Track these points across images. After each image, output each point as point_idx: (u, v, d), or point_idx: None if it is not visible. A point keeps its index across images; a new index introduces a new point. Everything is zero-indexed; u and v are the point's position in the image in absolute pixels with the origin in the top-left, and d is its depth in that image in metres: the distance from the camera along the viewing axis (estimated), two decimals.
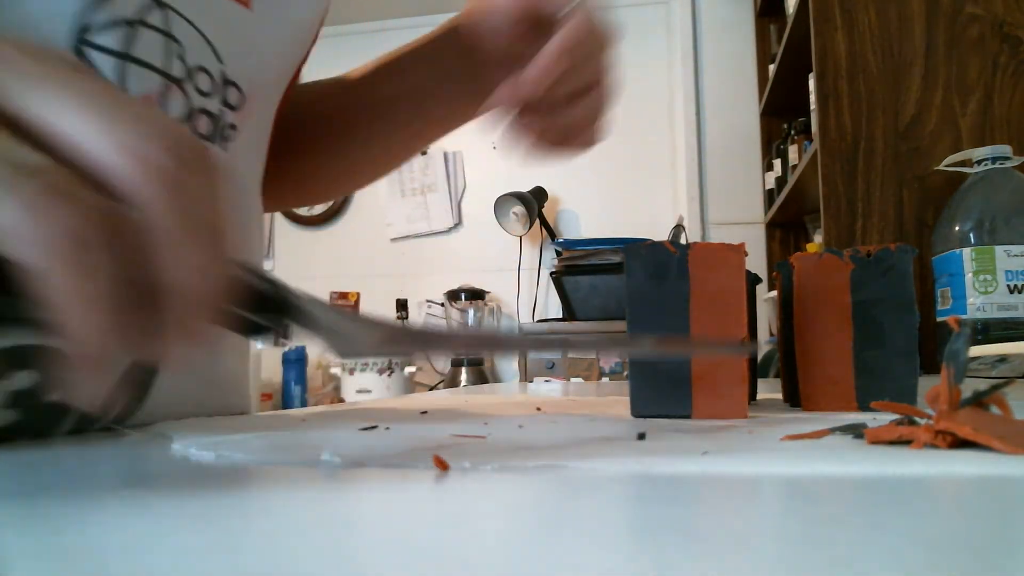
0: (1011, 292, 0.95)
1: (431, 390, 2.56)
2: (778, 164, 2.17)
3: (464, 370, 2.61)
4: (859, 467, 0.23)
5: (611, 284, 2.06)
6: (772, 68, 2.10)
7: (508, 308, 2.76)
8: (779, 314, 0.46)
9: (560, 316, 2.36)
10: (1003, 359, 0.87)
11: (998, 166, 1.00)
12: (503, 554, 0.15)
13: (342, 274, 2.88)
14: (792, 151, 2.00)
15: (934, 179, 1.21)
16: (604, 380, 2.17)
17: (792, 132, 2.01)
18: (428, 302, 2.78)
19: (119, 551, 0.15)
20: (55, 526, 0.17)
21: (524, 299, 2.74)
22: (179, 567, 0.14)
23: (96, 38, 0.36)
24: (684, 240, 2.26)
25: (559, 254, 2.17)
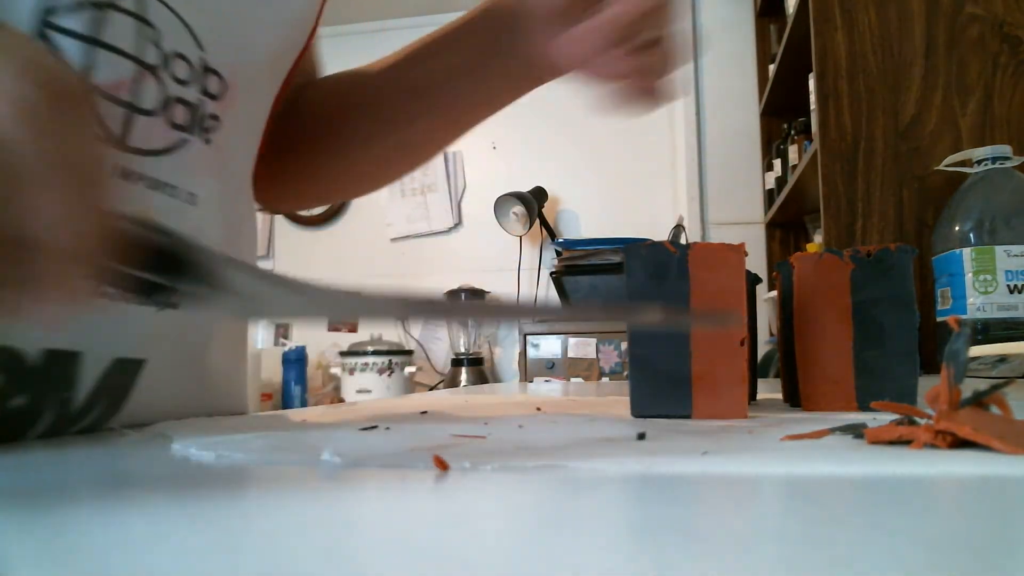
0: (1011, 292, 0.95)
1: (431, 390, 2.56)
2: (778, 164, 2.17)
3: (464, 370, 2.61)
4: (859, 467, 0.23)
5: (611, 284, 2.06)
6: (772, 68, 2.10)
7: None
8: (779, 314, 0.46)
9: None
10: (1003, 359, 0.87)
11: (998, 166, 1.00)
12: (503, 554, 0.15)
13: (342, 274, 2.88)
14: (792, 151, 2.00)
15: (934, 179, 1.21)
16: (604, 380, 2.16)
17: (792, 132, 2.01)
18: None
19: (119, 551, 0.15)
20: (55, 526, 0.17)
21: (524, 299, 2.74)
22: (179, 567, 0.14)
23: (61, 20, 0.34)
24: (684, 240, 2.26)
25: (559, 254, 2.17)
